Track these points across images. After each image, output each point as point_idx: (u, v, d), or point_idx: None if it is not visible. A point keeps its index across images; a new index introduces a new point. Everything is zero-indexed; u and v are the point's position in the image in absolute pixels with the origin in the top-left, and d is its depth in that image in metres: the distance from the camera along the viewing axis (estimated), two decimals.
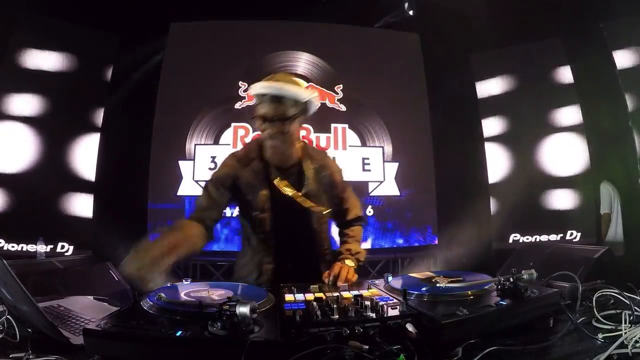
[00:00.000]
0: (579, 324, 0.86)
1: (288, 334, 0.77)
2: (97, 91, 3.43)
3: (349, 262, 1.35)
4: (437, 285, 1.04)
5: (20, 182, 3.11)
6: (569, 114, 3.63)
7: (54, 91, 3.25)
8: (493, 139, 3.85)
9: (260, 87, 1.29)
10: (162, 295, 0.96)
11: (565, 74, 3.65)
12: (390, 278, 1.20)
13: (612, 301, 0.98)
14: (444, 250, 3.72)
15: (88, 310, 1.18)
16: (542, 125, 3.69)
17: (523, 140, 3.74)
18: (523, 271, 0.98)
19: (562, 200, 3.62)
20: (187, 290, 1.10)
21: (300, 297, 1.04)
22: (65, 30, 3.33)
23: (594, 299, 0.93)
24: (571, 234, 3.55)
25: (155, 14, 3.50)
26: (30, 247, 2.97)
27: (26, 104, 3.18)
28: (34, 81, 3.22)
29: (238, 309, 0.74)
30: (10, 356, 0.82)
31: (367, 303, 0.88)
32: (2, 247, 2.98)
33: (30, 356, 0.81)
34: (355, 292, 1.04)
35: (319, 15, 3.78)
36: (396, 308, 0.87)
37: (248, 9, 3.68)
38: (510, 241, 3.65)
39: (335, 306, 0.86)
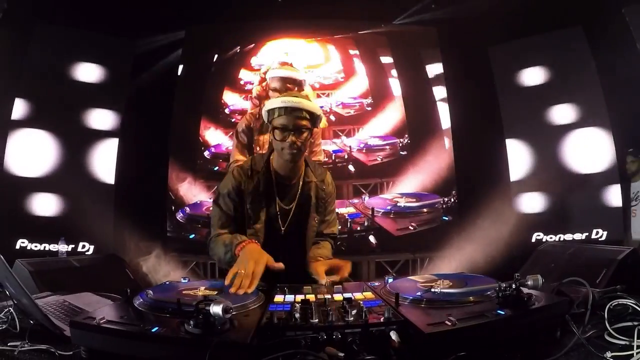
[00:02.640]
0: (585, 339, 0.76)
1: (262, 336, 0.75)
2: (115, 96, 3.54)
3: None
4: (432, 290, 0.97)
5: (44, 184, 3.26)
6: (593, 106, 3.39)
7: (75, 97, 3.40)
8: (514, 134, 3.66)
9: (280, 102, 1.37)
10: (150, 292, 0.98)
11: (588, 63, 3.41)
12: (390, 280, 1.15)
13: (630, 311, 0.87)
14: (463, 250, 3.57)
15: (91, 305, 1.20)
16: (565, 118, 3.47)
17: (546, 134, 3.53)
18: (528, 276, 0.90)
19: (586, 197, 3.38)
20: (181, 288, 1.11)
21: (290, 298, 1.01)
22: (85, 38, 3.47)
23: (607, 308, 0.83)
24: (597, 233, 3.31)
25: (170, 19, 3.59)
26: (53, 247, 3.10)
27: (48, 110, 3.33)
28: (55, 88, 3.36)
29: (212, 309, 0.73)
30: (8, 344, 0.87)
31: (353, 307, 0.83)
32: (26, 246, 3.13)
33: (26, 345, 0.87)
34: (347, 295, 0.99)
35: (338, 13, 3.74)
36: (382, 314, 0.82)
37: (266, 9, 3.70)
38: (533, 240, 3.44)
39: (317, 309, 0.82)
